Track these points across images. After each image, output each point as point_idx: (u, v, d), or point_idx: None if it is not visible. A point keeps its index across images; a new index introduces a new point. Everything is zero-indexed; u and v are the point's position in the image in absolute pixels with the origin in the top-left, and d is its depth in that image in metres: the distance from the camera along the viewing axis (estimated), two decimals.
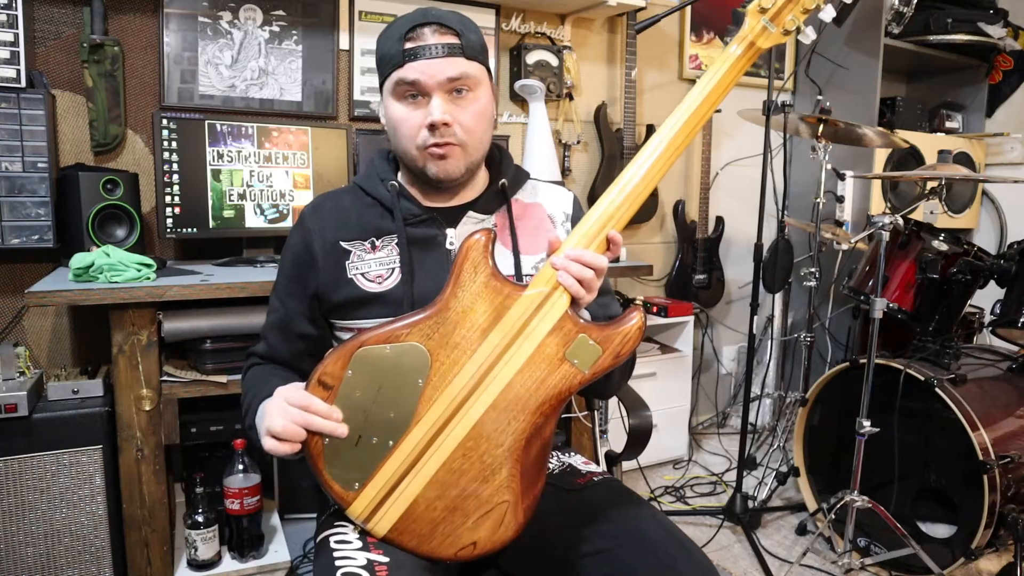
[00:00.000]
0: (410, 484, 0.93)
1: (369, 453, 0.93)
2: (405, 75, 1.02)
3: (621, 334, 0.93)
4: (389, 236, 1.10)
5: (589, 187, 2.79)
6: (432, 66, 1.01)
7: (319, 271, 1.09)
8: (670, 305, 2.73)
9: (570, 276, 0.93)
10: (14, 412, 1.53)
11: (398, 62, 1.02)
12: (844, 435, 2.13)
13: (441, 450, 0.93)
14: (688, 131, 1.00)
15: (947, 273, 2.12)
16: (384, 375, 0.93)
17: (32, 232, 1.74)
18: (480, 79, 1.06)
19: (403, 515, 0.93)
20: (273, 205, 2.02)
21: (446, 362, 0.93)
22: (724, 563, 2.14)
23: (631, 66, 2.69)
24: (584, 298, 0.94)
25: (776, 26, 1.00)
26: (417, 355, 0.94)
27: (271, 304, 1.17)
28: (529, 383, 0.92)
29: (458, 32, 1.04)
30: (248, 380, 1.15)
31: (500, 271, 0.96)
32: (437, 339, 0.94)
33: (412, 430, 0.93)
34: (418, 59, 1.01)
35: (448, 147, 1.04)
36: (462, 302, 0.94)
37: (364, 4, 2.33)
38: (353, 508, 0.94)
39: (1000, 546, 1.99)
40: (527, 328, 0.93)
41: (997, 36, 2.97)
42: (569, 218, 1.20)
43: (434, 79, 1.02)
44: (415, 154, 1.06)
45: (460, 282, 0.95)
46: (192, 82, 2.11)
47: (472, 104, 1.05)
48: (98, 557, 1.62)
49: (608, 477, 1.16)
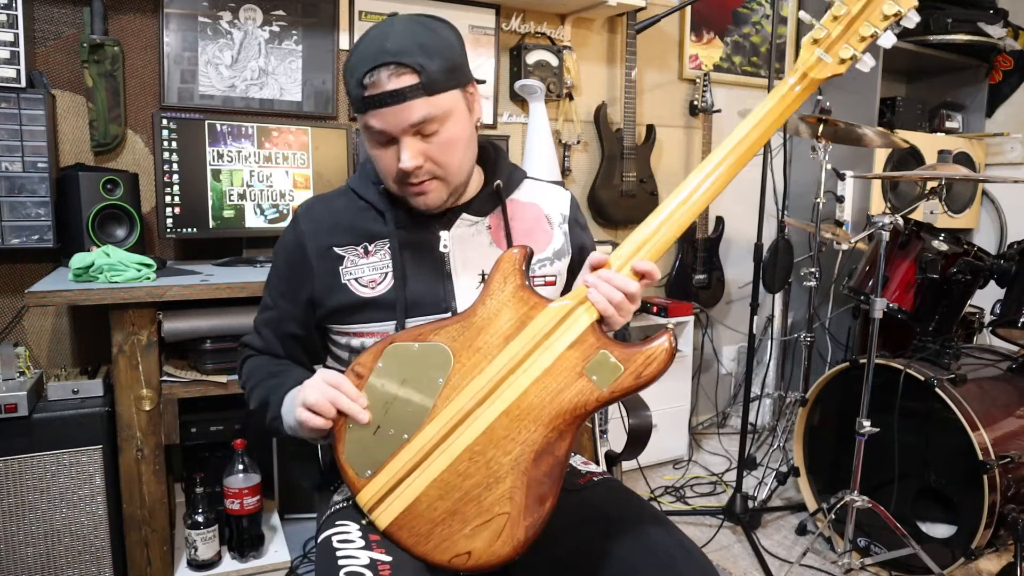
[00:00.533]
0: (416, 480, 0.93)
1: (384, 444, 0.95)
2: (369, 123, 0.99)
3: (645, 354, 0.92)
4: (382, 240, 1.10)
5: (589, 187, 2.79)
6: (393, 114, 0.97)
7: (313, 276, 1.09)
8: (670, 305, 2.73)
9: (599, 294, 0.93)
10: (14, 412, 1.53)
11: (359, 109, 1.00)
12: (844, 435, 2.13)
13: (450, 450, 0.93)
14: (738, 160, 0.99)
15: (947, 273, 2.12)
16: (409, 370, 0.96)
17: (32, 232, 1.74)
18: (448, 109, 1.00)
19: (405, 510, 0.93)
20: (273, 205, 2.02)
21: (467, 364, 0.95)
22: (724, 563, 2.14)
23: (631, 66, 2.69)
24: (615, 319, 0.94)
25: (831, 56, 0.99)
26: (441, 355, 0.96)
27: (264, 300, 1.17)
28: (544, 394, 0.92)
29: (417, 69, 0.96)
30: (253, 371, 1.15)
31: (532, 285, 0.98)
32: (462, 341, 0.96)
33: (426, 426, 0.94)
34: (379, 107, 0.97)
35: (424, 184, 1.03)
36: (489, 309, 0.96)
37: (364, 4, 2.33)
38: (362, 495, 0.95)
39: (1000, 546, 1.99)
40: (549, 339, 0.94)
41: (997, 36, 2.97)
42: (567, 219, 1.20)
43: (398, 127, 0.98)
44: (395, 188, 1.06)
45: (490, 291, 0.97)
46: (192, 82, 2.11)
47: (443, 138, 1.01)
48: (98, 557, 1.62)
49: (608, 477, 1.16)
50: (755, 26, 3.19)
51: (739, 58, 3.16)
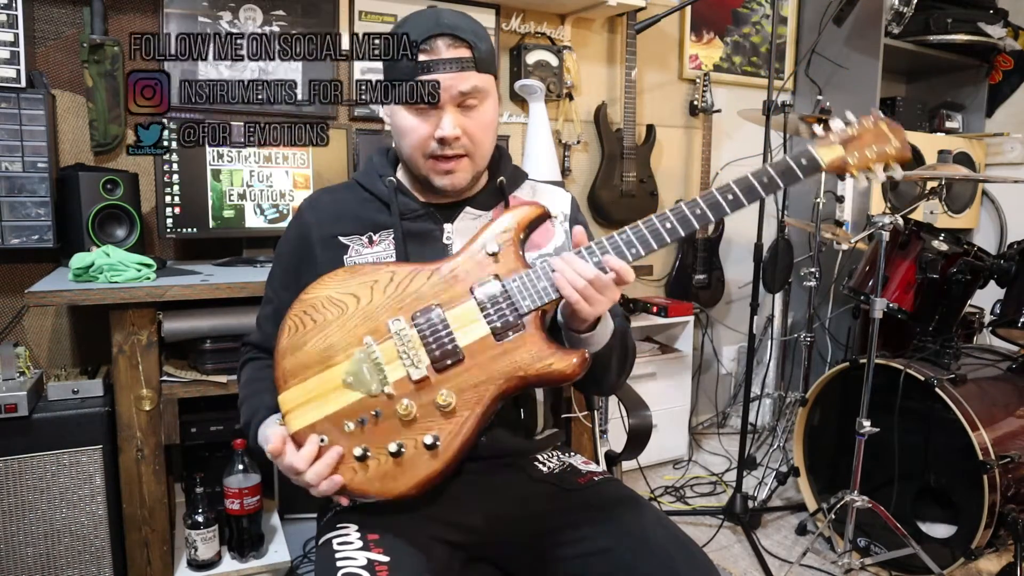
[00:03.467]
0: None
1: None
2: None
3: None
4: (386, 230, 1.11)
5: (589, 187, 2.79)
6: (446, 80, 1.02)
7: (316, 265, 1.10)
8: (670, 305, 2.73)
9: (563, 279, 0.93)
10: (14, 412, 1.52)
11: (408, 74, 1.02)
12: (844, 435, 2.13)
13: None
14: None
15: (947, 273, 2.12)
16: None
17: (32, 232, 1.74)
18: (489, 90, 1.07)
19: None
20: (273, 205, 2.02)
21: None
22: (724, 563, 2.14)
23: (631, 66, 2.69)
24: (581, 307, 0.93)
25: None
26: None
27: (266, 294, 1.18)
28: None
29: (471, 44, 1.03)
30: (245, 381, 1.16)
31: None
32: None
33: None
34: (431, 73, 1.01)
35: (456, 160, 1.05)
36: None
37: (364, 4, 2.33)
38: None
39: (1000, 546, 1.99)
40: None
41: (997, 36, 2.97)
42: (567, 218, 1.20)
43: (447, 93, 1.02)
44: (421, 163, 1.07)
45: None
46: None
47: (481, 116, 1.06)
48: (98, 557, 1.62)
49: (608, 477, 1.16)
50: (755, 26, 3.19)
51: (739, 58, 3.16)
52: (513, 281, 0.97)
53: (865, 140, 1.03)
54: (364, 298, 1.00)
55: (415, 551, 0.97)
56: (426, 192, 1.13)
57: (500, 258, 0.98)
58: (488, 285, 0.97)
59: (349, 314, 0.99)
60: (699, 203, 0.97)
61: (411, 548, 0.97)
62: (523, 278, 0.97)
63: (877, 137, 1.04)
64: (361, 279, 1.01)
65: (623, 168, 2.76)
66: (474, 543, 1.07)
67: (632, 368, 1.18)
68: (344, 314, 0.99)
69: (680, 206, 0.98)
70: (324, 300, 1.01)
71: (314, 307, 1.01)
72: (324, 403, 0.97)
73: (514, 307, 0.96)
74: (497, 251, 0.99)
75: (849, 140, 1.03)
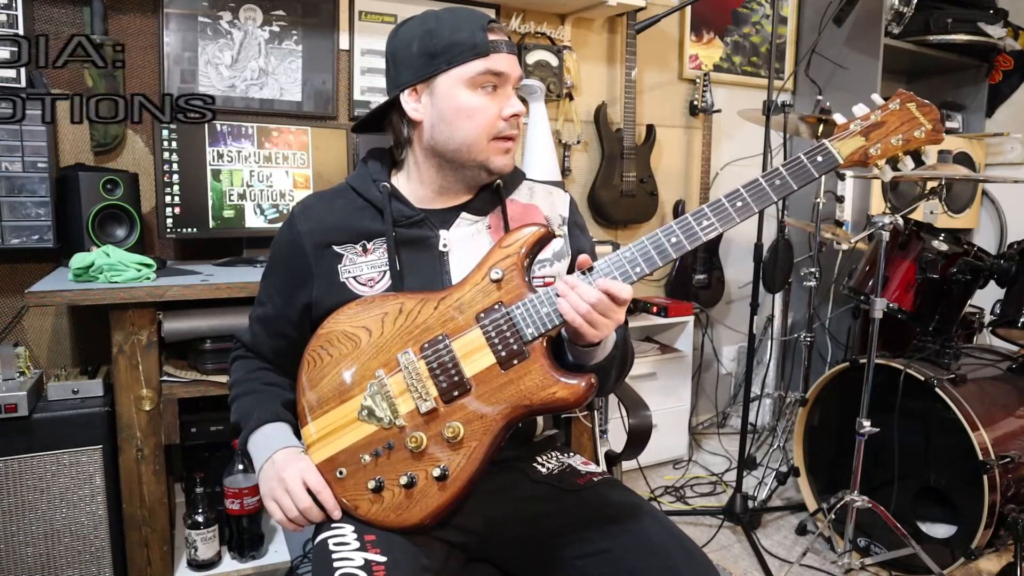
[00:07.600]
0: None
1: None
2: (494, 65, 1.04)
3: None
4: (380, 238, 1.10)
5: (589, 187, 2.79)
6: (511, 62, 1.07)
7: (312, 278, 1.09)
8: (670, 305, 2.73)
9: (567, 304, 0.94)
10: (14, 412, 1.53)
11: (483, 51, 1.03)
12: (844, 435, 2.13)
13: None
14: None
15: (947, 273, 2.12)
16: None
17: (32, 232, 1.74)
18: None
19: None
20: (273, 205, 2.02)
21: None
22: (724, 563, 2.14)
23: (631, 66, 2.69)
24: (585, 331, 0.94)
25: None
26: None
27: (259, 295, 1.18)
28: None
29: (509, 38, 1.08)
30: (235, 380, 1.17)
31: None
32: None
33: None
34: (500, 52, 1.05)
35: (513, 141, 1.09)
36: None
37: (364, 4, 2.33)
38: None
39: (1000, 546, 1.99)
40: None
41: (997, 36, 2.97)
42: (566, 221, 1.20)
43: (515, 73, 1.08)
44: (484, 145, 1.07)
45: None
46: (192, 82, 2.10)
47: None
48: (98, 557, 1.62)
49: (608, 477, 1.16)
50: (755, 26, 3.19)
51: (739, 58, 3.16)
52: (517, 308, 0.97)
53: (890, 126, 0.97)
54: (375, 331, 1.02)
55: (413, 551, 0.96)
56: (422, 197, 1.13)
57: (504, 284, 0.99)
58: (493, 314, 0.98)
59: (362, 348, 1.02)
60: (706, 212, 0.97)
61: (408, 548, 0.96)
62: (527, 305, 0.97)
63: (904, 120, 0.97)
64: (372, 312, 1.03)
65: (623, 168, 2.76)
66: (473, 543, 1.07)
67: (630, 370, 1.18)
68: (357, 348, 1.02)
69: (687, 218, 0.97)
70: (339, 335, 1.04)
71: (329, 342, 1.04)
72: (342, 436, 1.00)
73: (519, 335, 0.97)
74: (501, 278, 0.99)
75: (872, 128, 0.98)
